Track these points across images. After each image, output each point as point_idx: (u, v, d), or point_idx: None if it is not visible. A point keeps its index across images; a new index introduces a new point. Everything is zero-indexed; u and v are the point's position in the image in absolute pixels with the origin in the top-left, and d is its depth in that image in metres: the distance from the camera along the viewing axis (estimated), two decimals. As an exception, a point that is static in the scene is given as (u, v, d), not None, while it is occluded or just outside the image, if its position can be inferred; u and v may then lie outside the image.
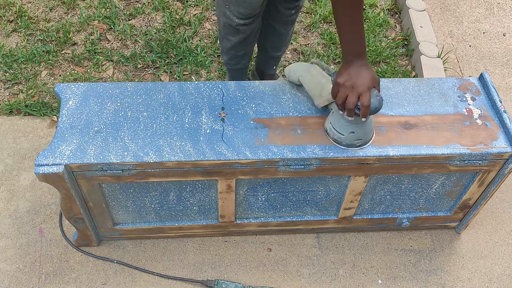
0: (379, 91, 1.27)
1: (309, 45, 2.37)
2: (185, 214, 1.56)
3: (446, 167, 1.42)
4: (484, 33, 2.54)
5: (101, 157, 1.30)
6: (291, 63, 2.27)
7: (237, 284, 1.57)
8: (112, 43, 2.30)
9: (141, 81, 2.17)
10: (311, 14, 2.51)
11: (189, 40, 2.31)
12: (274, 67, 2.07)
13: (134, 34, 2.33)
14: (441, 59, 2.31)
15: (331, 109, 1.36)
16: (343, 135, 1.33)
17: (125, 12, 2.42)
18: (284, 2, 1.73)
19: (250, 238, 1.70)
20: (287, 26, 1.85)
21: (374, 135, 1.38)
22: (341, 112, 1.29)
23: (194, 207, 1.53)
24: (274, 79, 2.12)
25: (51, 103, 2.03)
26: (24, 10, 2.36)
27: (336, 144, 1.35)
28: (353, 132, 1.32)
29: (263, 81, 1.52)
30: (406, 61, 2.37)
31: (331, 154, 1.34)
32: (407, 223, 1.66)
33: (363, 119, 1.26)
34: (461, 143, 1.39)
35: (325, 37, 2.39)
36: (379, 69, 2.28)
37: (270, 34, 1.88)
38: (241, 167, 1.35)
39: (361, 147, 1.35)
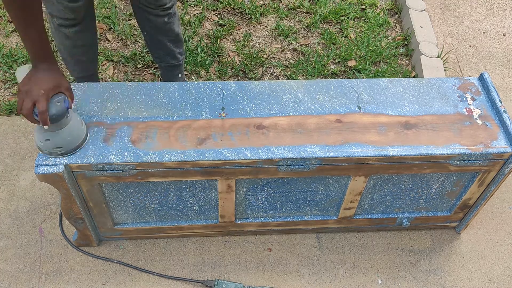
0: (70, 97, 1.24)
1: (309, 45, 2.37)
2: (185, 214, 1.56)
3: (446, 167, 1.42)
4: (484, 33, 2.54)
5: (101, 157, 1.30)
6: (291, 63, 2.27)
7: (237, 284, 1.57)
8: (112, 43, 2.30)
9: (141, 81, 2.17)
10: (311, 14, 2.51)
11: (189, 40, 2.31)
12: (180, 75, 1.99)
13: (134, 34, 2.33)
14: (441, 59, 2.31)
15: None
16: (41, 143, 1.27)
17: (125, 12, 2.42)
18: (152, 11, 1.69)
19: (250, 238, 1.70)
20: (167, 33, 1.79)
21: (84, 142, 1.32)
22: None
23: (194, 207, 1.53)
24: None
25: (51, 103, 2.03)
26: (24, 10, 2.36)
27: (40, 151, 1.30)
28: (49, 140, 1.26)
29: (263, 81, 1.52)
30: (406, 61, 2.37)
31: (331, 154, 1.34)
32: (407, 223, 1.66)
33: (46, 127, 1.21)
34: (461, 143, 1.39)
35: (325, 37, 2.39)
36: (379, 69, 2.28)
37: (155, 45, 1.84)
38: (241, 167, 1.35)
39: (66, 155, 1.29)
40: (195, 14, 2.45)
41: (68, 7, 1.54)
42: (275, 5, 2.53)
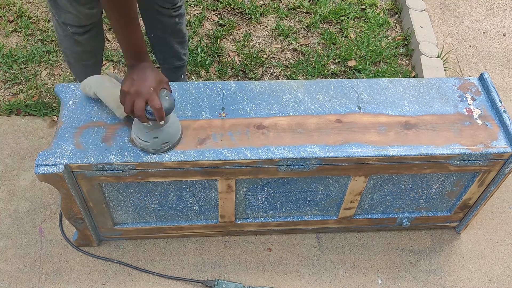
0: (170, 91, 1.25)
1: (309, 45, 2.37)
2: (185, 214, 1.56)
3: (446, 167, 1.42)
4: (484, 33, 2.54)
5: (101, 157, 1.30)
6: (291, 63, 2.27)
7: (237, 284, 1.57)
8: (112, 43, 2.30)
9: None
10: (311, 14, 2.51)
11: (189, 40, 2.31)
12: (183, 76, 1.99)
13: (134, 34, 2.33)
14: (441, 59, 2.31)
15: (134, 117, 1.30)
16: (148, 142, 1.28)
17: (125, 12, 2.42)
18: (166, 11, 1.68)
19: (250, 238, 1.70)
20: (177, 34, 1.79)
21: (182, 134, 1.34)
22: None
23: (194, 207, 1.53)
24: None
25: (51, 103, 2.03)
26: (24, 10, 2.36)
27: (146, 151, 1.31)
28: (157, 137, 1.27)
29: (263, 81, 1.52)
30: (406, 61, 2.37)
31: (331, 154, 1.34)
32: (407, 223, 1.66)
33: (162, 122, 1.22)
34: (461, 143, 1.39)
35: (325, 37, 2.39)
36: (379, 69, 2.28)
37: (163, 47, 1.83)
38: (241, 167, 1.35)
39: (171, 150, 1.31)
40: (195, 14, 2.45)
41: (86, 14, 1.53)
42: (275, 5, 2.53)
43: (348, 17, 2.49)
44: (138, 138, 1.29)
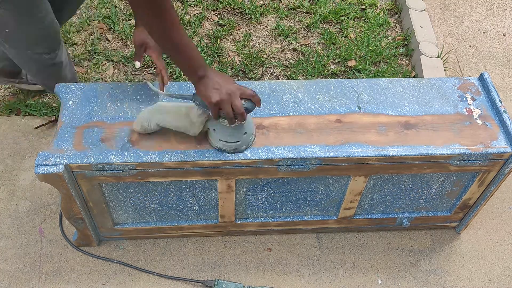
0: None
1: (309, 45, 2.37)
2: (185, 214, 1.56)
3: (446, 167, 1.42)
4: (484, 33, 2.54)
5: (101, 157, 1.30)
6: (291, 63, 2.27)
7: (237, 284, 1.57)
8: (112, 43, 2.30)
9: (141, 81, 2.17)
10: (311, 14, 2.51)
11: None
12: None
13: (134, 34, 2.33)
14: (441, 59, 2.31)
15: (209, 128, 1.31)
16: (239, 141, 1.29)
17: (125, 12, 2.42)
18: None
19: (250, 238, 1.70)
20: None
21: (254, 133, 1.35)
22: (225, 124, 1.25)
23: (194, 207, 1.53)
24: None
25: (51, 103, 2.03)
26: (24, 10, 2.36)
27: (237, 153, 1.32)
28: (246, 133, 1.29)
29: (263, 81, 1.52)
30: (406, 61, 2.37)
31: (331, 154, 1.34)
32: (407, 223, 1.66)
33: (243, 122, 1.25)
34: (461, 143, 1.39)
35: (325, 37, 2.39)
36: (379, 69, 2.28)
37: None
38: (241, 167, 1.35)
39: (254, 140, 1.34)
40: (195, 14, 2.45)
41: (56, 31, 1.54)
42: (275, 5, 2.52)
43: (348, 17, 2.49)
44: (229, 143, 1.30)
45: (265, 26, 2.44)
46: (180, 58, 1.20)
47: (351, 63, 2.29)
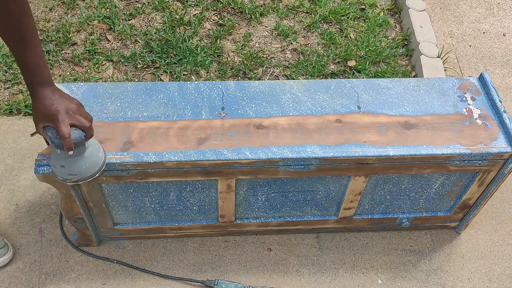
0: (87, 117, 1.14)
1: (309, 45, 2.37)
2: (185, 214, 1.56)
3: (446, 167, 1.42)
4: (484, 33, 2.54)
5: (101, 157, 1.30)
6: (291, 63, 2.27)
7: (237, 284, 1.57)
8: (112, 43, 2.30)
9: (141, 81, 2.17)
10: (311, 14, 2.51)
11: (189, 40, 2.31)
12: None
13: (134, 34, 2.33)
14: (441, 59, 2.31)
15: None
16: (55, 167, 1.18)
17: (125, 12, 2.42)
18: None
19: (250, 238, 1.70)
20: None
21: (99, 173, 1.21)
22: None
23: (194, 207, 1.53)
24: None
25: (51, 103, 2.03)
26: (24, 10, 2.36)
27: (56, 177, 1.21)
28: (63, 166, 1.17)
29: (263, 81, 1.52)
30: (406, 61, 2.37)
31: (331, 154, 1.34)
32: (407, 223, 1.66)
33: (70, 153, 1.12)
34: (461, 143, 1.39)
35: (325, 37, 2.39)
36: (379, 69, 2.28)
37: None
38: (241, 167, 1.35)
39: (78, 182, 1.21)
40: (195, 14, 2.45)
41: None
42: (275, 5, 2.52)
43: (348, 17, 2.49)
44: (51, 161, 1.20)
45: (265, 26, 2.44)
46: (27, 60, 1.08)
47: (351, 63, 2.29)
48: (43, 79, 1.11)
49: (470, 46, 2.47)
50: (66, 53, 2.23)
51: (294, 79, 2.20)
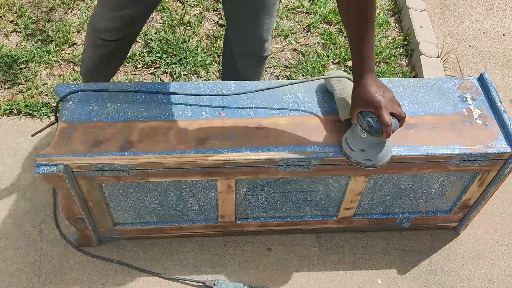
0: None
1: (309, 45, 2.37)
2: (185, 214, 1.56)
3: (446, 167, 1.42)
4: (484, 33, 2.54)
5: (101, 157, 1.30)
6: (291, 63, 2.27)
7: (237, 284, 1.57)
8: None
9: (141, 81, 2.17)
10: (311, 14, 2.51)
11: (189, 40, 2.31)
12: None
13: (134, 34, 2.33)
14: (441, 59, 2.31)
15: (353, 122, 1.32)
16: (353, 150, 1.29)
17: (125, 12, 2.42)
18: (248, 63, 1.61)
19: (250, 238, 1.70)
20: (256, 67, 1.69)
21: (387, 160, 1.31)
22: (360, 129, 1.25)
23: (194, 207, 1.53)
24: None
25: (51, 103, 2.03)
26: (24, 10, 2.36)
27: (345, 158, 1.32)
28: (363, 151, 1.28)
29: (263, 81, 1.52)
30: (406, 61, 2.37)
31: (331, 154, 1.34)
32: (407, 223, 1.66)
33: (383, 138, 1.23)
34: (461, 143, 1.39)
35: (325, 37, 2.39)
36: (379, 69, 2.28)
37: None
38: (241, 167, 1.35)
39: (370, 167, 1.31)
40: (195, 14, 2.45)
41: (130, 16, 1.47)
42: (275, 5, 2.52)
43: (348, 17, 2.49)
44: (346, 142, 1.30)
45: (265, 26, 2.44)
46: (364, 44, 1.20)
47: (351, 63, 2.29)
48: (371, 67, 1.23)
49: (470, 46, 2.47)
50: (66, 53, 2.23)
51: (294, 79, 2.21)
